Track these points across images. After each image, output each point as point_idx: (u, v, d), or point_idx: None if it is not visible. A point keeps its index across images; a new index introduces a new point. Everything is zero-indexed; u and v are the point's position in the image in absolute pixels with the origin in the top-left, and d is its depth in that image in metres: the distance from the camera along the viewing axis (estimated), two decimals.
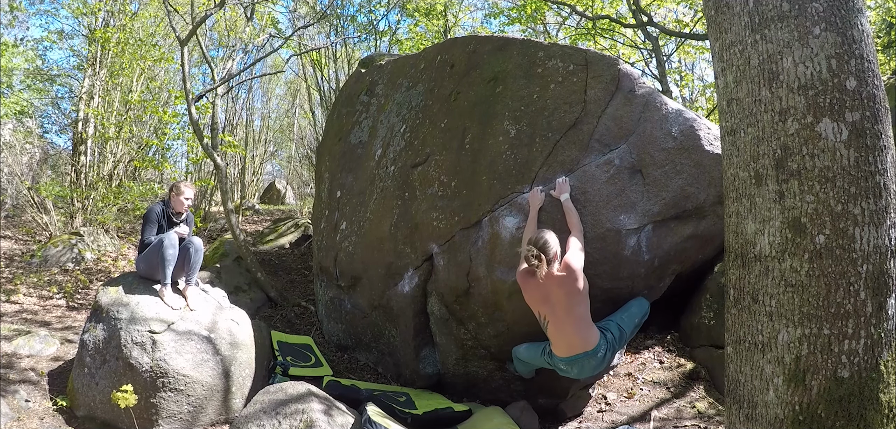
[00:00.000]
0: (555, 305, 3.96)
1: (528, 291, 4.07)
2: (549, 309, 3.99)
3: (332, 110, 7.90)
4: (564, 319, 3.96)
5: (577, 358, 4.01)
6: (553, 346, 4.10)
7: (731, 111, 2.27)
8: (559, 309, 3.95)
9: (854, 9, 2.11)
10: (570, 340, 3.98)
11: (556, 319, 3.98)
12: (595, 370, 4.15)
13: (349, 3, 18.25)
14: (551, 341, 4.10)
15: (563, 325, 3.97)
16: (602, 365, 4.14)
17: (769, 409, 2.08)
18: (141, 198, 11.07)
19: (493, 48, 5.26)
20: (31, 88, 12.92)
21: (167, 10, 8.37)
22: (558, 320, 3.97)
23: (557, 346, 4.06)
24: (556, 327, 3.99)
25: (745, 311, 2.19)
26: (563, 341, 4.01)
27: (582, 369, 4.08)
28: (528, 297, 4.10)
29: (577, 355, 4.00)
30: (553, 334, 4.04)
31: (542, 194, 4.38)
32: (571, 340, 3.98)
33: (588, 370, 4.11)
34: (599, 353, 4.02)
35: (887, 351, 2.00)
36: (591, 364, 4.06)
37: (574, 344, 3.98)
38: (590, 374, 4.17)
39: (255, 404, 4.04)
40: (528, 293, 4.08)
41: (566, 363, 4.07)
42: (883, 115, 2.08)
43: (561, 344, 4.03)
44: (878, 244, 2.00)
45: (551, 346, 4.12)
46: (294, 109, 22.46)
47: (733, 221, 2.26)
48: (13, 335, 5.27)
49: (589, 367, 4.07)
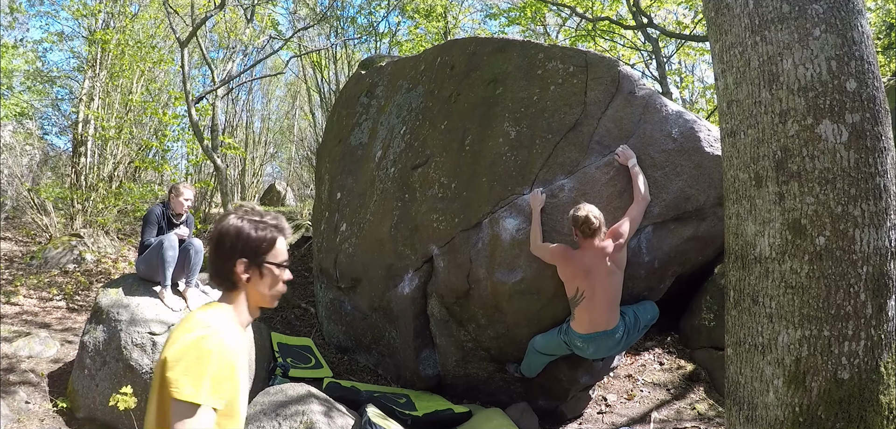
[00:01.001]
0: (595, 279, 4.00)
1: (568, 265, 4.10)
2: (588, 283, 4.03)
3: (332, 112, 7.90)
4: (601, 294, 4.01)
5: (596, 336, 4.06)
6: (575, 322, 4.12)
7: (732, 113, 2.28)
8: (598, 283, 4.00)
9: (854, 10, 2.11)
10: (597, 317, 4.03)
11: (592, 294, 4.02)
12: (609, 352, 4.21)
13: (349, 5, 18.28)
14: (575, 318, 4.12)
15: (596, 300, 4.02)
16: (617, 347, 4.20)
17: (769, 410, 2.08)
18: (141, 199, 11.05)
19: (493, 50, 5.26)
20: (31, 90, 12.90)
21: (167, 11, 8.39)
22: (594, 295, 4.02)
23: (580, 322, 4.09)
24: (588, 302, 4.04)
25: (746, 312, 2.19)
26: (589, 318, 4.04)
27: (598, 348, 4.13)
28: (566, 271, 4.12)
29: (598, 332, 4.05)
30: (581, 310, 4.07)
31: (542, 196, 4.39)
32: (598, 317, 4.03)
33: (603, 350, 4.17)
34: (617, 334, 4.09)
35: (887, 353, 2.00)
36: (608, 345, 4.12)
37: (598, 321, 4.04)
38: (603, 354, 4.24)
39: (255, 406, 4.03)
40: (567, 267, 4.11)
41: (584, 341, 4.11)
42: (883, 116, 2.08)
43: (585, 321, 4.06)
44: (878, 246, 1.99)
45: (572, 322, 4.15)
46: (294, 110, 22.48)
47: (733, 222, 2.26)
48: (13, 337, 5.27)
49: (604, 347, 4.13)
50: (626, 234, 4.08)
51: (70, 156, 12.09)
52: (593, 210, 4.03)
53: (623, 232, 4.07)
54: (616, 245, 4.04)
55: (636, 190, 4.20)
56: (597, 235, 4.01)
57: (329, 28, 13.59)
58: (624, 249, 4.08)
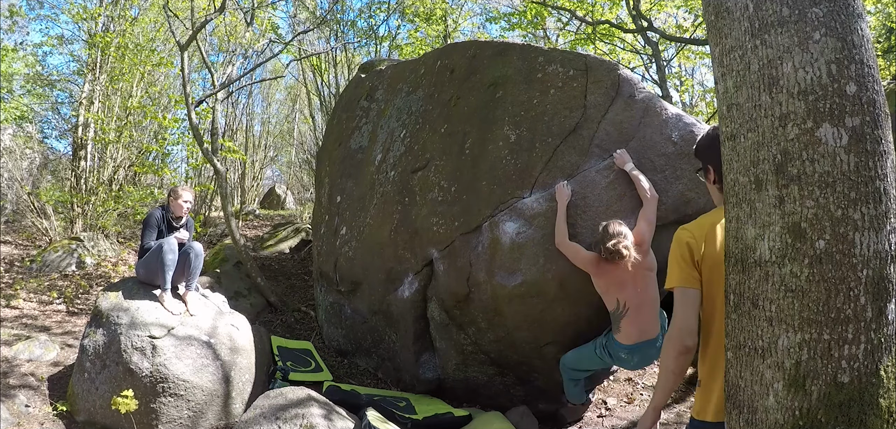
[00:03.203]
0: (634, 289, 3.97)
1: (602, 277, 4.05)
2: (627, 294, 3.98)
3: (332, 115, 7.90)
4: (644, 301, 3.97)
5: (642, 346, 4.00)
6: (621, 334, 4.03)
7: (731, 116, 2.27)
8: (640, 292, 3.96)
9: (854, 14, 2.12)
10: (645, 325, 3.98)
11: (638, 304, 3.97)
12: (650, 361, 4.15)
13: (349, 9, 18.30)
14: (621, 331, 4.03)
15: (641, 308, 3.97)
16: (657, 354, 4.08)
17: (769, 414, 2.08)
18: (141, 203, 11.06)
19: (494, 53, 5.26)
20: (31, 93, 12.92)
21: (167, 15, 8.40)
22: (639, 304, 3.97)
23: (627, 334, 4.00)
24: (634, 313, 3.97)
25: (745, 316, 2.19)
26: (638, 328, 3.98)
27: (642, 358, 4.07)
28: (600, 283, 4.07)
29: (644, 341, 3.99)
30: (628, 321, 3.99)
31: (569, 189, 4.34)
32: (646, 325, 3.98)
33: (646, 360, 4.11)
34: (658, 342, 4.03)
35: (887, 356, 1.99)
36: (650, 353, 4.06)
37: (648, 330, 3.99)
38: (645, 364, 4.18)
39: (255, 409, 4.04)
40: (601, 279, 4.06)
41: (628, 352, 4.04)
42: (883, 120, 2.08)
43: (633, 332, 3.99)
44: (878, 249, 1.99)
45: (617, 335, 4.05)
46: (294, 113, 22.50)
47: (733, 226, 2.26)
48: (13, 341, 5.27)
49: (648, 356, 4.08)
50: (647, 237, 4.06)
51: (70, 159, 12.09)
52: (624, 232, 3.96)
53: (644, 236, 4.05)
54: (642, 251, 4.01)
55: (642, 191, 4.18)
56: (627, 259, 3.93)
57: (329, 31, 13.60)
58: (650, 252, 4.06)
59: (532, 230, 4.40)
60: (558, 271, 4.29)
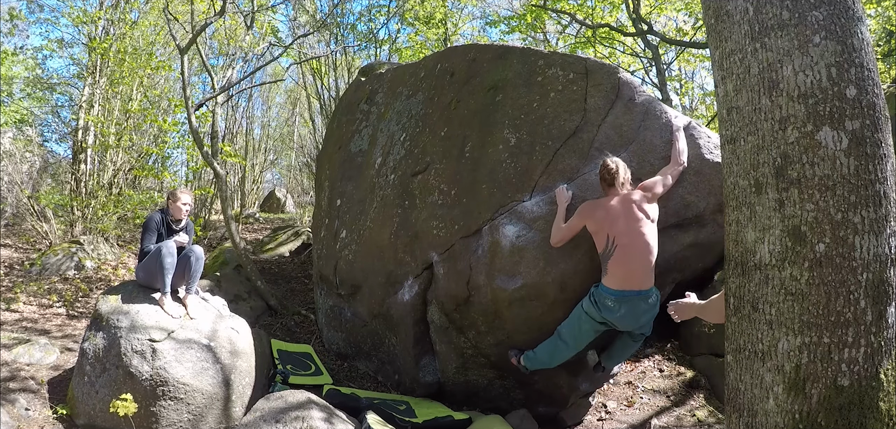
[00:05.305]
0: (626, 225, 3.87)
1: (595, 212, 3.99)
2: (618, 230, 3.87)
3: (332, 119, 7.91)
4: (636, 244, 3.85)
5: (629, 295, 3.84)
6: (607, 277, 3.90)
7: (731, 119, 2.28)
8: (631, 231, 3.86)
9: (854, 17, 2.12)
10: (633, 269, 3.83)
11: (627, 243, 3.85)
12: (638, 320, 3.97)
13: (349, 12, 18.32)
14: (607, 273, 3.90)
15: (632, 251, 3.84)
16: (649, 312, 3.98)
17: (769, 417, 2.08)
18: (141, 206, 11.05)
19: (493, 57, 5.27)
20: (30, 97, 12.94)
21: (167, 18, 8.41)
22: (629, 242, 3.85)
23: (613, 276, 3.86)
24: (622, 252, 3.84)
25: (745, 319, 2.19)
26: (624, 271, 3.84)
27: (629, 310, 3.88)
28: (594, 223, 3.99)
29: (633, 290, 3.83)
30: (615, 263, 3.86)
31: (569, 193, 4.32)
32: (634, 270, 3.83)
33: (633, 316, 3.92)
34: (650, 298, 3.91)
35: (887, 359, 1.99)
36: (640, 308, 3.89)
37: (634, 276, 3.83)
38: (632, 324, 3.99)
39: (255, 413, 4.03)
40: (593, 216, 3.99)
41: (616, 298, 3.86)
42: (883, 123, 2.08)
43: (618, 274, 3.85)
44: (878, 253, 2.00)
45: (605, 278, 3.92)
46: (294, 117, 22.52)
47: (733, 229, 2.26)
48: (13, 344, 5.26)
49: (636, 311, 3.90)
50: (657, 188, 4.05)
51: (70, 162, 12.09)
52: (618, 161, 4.07)
53: (653, 185, 4.05)
54: (644, 195, 3.99)
55: (675, 152, 4.20)
56: (616, 182, 3.97)
57: (329, 35, 13.62)
58: (654, 203, 4.01)
59: (532, 234, 4.40)
60: (558, 275, 4.29)
